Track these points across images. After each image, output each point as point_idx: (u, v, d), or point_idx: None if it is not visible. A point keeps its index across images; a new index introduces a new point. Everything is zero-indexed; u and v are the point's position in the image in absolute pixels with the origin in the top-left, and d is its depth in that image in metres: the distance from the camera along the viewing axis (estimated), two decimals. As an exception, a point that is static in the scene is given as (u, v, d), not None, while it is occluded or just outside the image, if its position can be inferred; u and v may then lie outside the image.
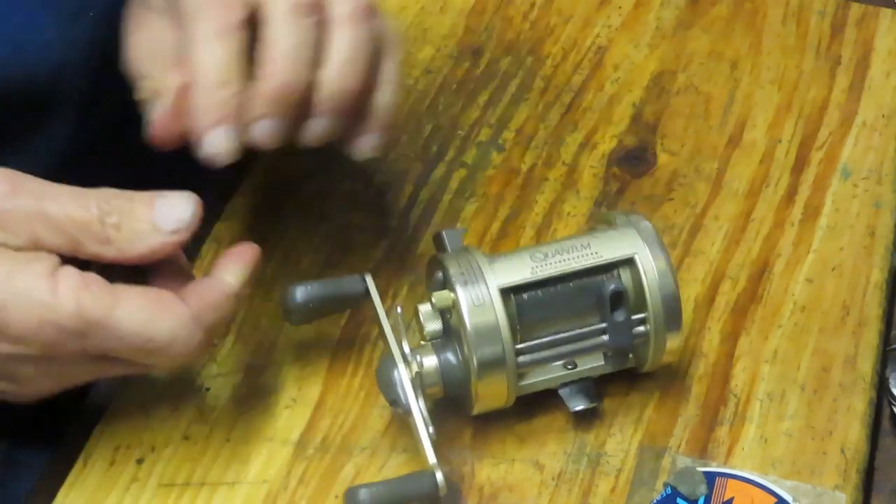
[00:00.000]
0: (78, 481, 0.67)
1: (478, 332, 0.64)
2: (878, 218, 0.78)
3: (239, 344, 0.72)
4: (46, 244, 0.59)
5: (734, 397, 0.70)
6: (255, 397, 0.70)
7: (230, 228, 0.77)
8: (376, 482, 0.63)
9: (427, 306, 0.66)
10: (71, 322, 0.58)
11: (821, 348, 0.72)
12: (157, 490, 0.67)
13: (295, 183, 0.80)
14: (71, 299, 0.58)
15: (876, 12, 0.89)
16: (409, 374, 0.64)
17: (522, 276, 0.65)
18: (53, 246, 0.59)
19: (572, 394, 0.67)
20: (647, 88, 0.85)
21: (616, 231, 0.67)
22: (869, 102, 0.84)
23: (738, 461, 0.67)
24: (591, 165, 0.81)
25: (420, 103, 0.84)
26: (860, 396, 0.70)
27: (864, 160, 0.81)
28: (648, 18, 0.89)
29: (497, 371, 0.65)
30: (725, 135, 0.82)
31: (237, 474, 0.67)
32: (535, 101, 0.84)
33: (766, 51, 0.87)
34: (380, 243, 0.77)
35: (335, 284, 0.68)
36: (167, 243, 0.60)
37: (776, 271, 0.75)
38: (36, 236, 0.59)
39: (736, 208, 0.78)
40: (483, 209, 0.79)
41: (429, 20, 0.89)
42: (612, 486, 0.67)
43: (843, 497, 0.66)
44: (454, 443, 0.68)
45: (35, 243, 0.59)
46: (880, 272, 0.75)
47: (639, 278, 0.66)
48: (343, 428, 0.69)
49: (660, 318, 0.66)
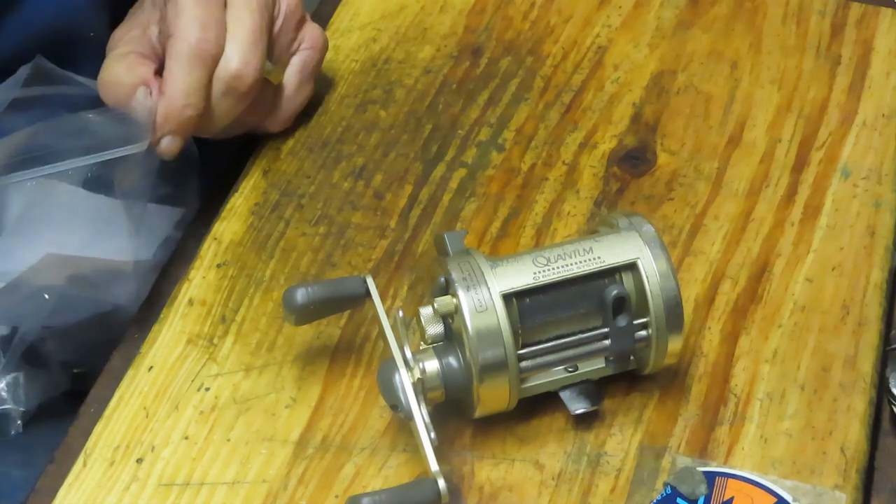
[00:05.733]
0: (78, 481, 0.67)
1: (480, 337, 0.64)
2: (878, 218, 0.78)
3: (239, 344, 0.72)
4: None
5: (734, 397, 0.70)
6: (255, 397, 0.70)
7: (230, 228, 0.77)
8: (379, 491, 0.63)
9: (429, 309, 0.66)
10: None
11: (821, 348, 0.72)
12: (156, 490, 0.67)
13: (295, 183, 0.80)
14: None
15: (876, 12, 0.89)
16: (410, 379, 0.64)
17: (525, 281, 0.65)
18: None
19: (573, 396, 0.67)
20: (647, 88, 0.85)
21: (618, 235, 0.67)
22: (869, 102, 0.84)
23: (738, 461, 0.67)
24: (591, 165, 0.81)
25: (420, 103, 0.84)
26: (860, 396, 0.70)
27: (864, 160, 0.81)
28: (648, 18, 0.89)
29: (499, 375, 0.65)
30: (725, 134, 0.82)
31: (237, 474, 0.67)
32: (535, 101, 0.84)
33: (766, 51, 0.87)
34: (380, 243, 0.77)
35: (335, 285, 0.68)
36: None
37: (776, 271, 0.75)
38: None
39: (736, 208, 0.78)
40: (483, 209, 0.79)
41: (429, 20, 0.89)
42: (612, 486, 0.67)
43: (843, 497, 0.66)
44: (454, 443, 0.68)
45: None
46: (880, 272, 0.75)
47: (641, 283, 0.66)
48: (343, 428, 0.69)
49: (661, 323, 0.66)
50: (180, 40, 0.73)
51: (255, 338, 0.72)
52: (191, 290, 0.74)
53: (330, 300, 0.68)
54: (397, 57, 0.87)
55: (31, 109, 0.74)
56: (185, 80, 0.73)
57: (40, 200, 0.71)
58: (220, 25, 0.74)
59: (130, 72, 0.74)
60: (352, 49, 0.87)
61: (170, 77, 0.73)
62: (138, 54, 0.75)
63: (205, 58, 0.73)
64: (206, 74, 0.73)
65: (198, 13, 0.73)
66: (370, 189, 0.80)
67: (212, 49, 0.73)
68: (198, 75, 0.73)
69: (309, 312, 0.68)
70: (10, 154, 0.71)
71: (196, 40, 0.73)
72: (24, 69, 0.75)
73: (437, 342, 0.66)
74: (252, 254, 0.76)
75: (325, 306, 0.68)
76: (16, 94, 0.74)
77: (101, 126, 0.73)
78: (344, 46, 0.88)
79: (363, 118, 0.83)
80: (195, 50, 0.73)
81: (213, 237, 0.77)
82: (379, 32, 0.88)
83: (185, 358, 0.72)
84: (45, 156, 0.71)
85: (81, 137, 0.72)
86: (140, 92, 0.73)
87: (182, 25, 0.73)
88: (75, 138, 0.72)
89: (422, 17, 0.89)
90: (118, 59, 0.75)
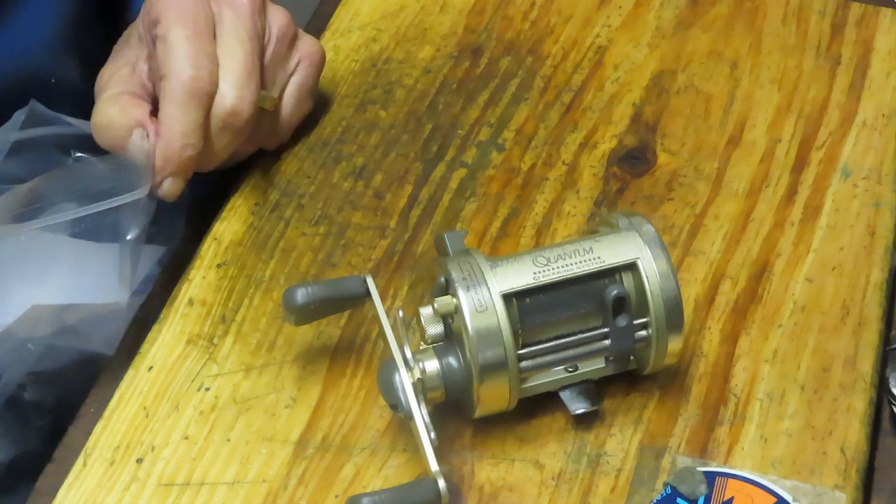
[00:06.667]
0: (78, 481, 0.67)
1: (480, 337, 0.64)
2: (878, 218, 0.78)
3: (239, 344, 0.72)
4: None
5: (734, 397, 0.70)
6: (255, 397, 0.70)
7: (230, 228, 0.77)
8: (379, 491, 0.63)
9: (429, 309, 0.66)
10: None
11: (821, 348, 0.72)
12: (156, 490, 0.67)
13: (295, 183, 0.80)
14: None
15: (876, 12, 0.89)
16: (410, 379, 0.64)
17: (525, 281, 0.65)
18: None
19: (573, 396, 0.67)
20: (647, 88, 0.85)
21: (618, 235, 0.67)
22: (869, 102, 0.84)
23: (738, 461, 0.67)
24: (591, 165, 0.81)
25: (420, 103, 0.84)
26: (860, 396, 0.70)
27: (864, 160, 0.81)
28: (648, 18, 0.89)
29: (499, 376, 0.65)
30: (725, 134, 0.82)
31: (237, 474, 0.67)
32: (535, 101, 0.84)
33: (766, 51, 0.87)
34: (380, 243, 0.77)
35: (335, 285, 0.68)
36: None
37: (776, 271, 0.75)
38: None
39: (736, 208, 0.78)
40: (483, 209, 0.79)
41: (429, 20, 0.89)
42: (612, 486, 0.67)
43: (843, 497, 0.66)
44: (454, 443, 0.68)
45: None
46: (880, 272, 0.75)
47: (641, 283, 0.66)
48: (343, 428, 0.69)
49: (662, 323, 0.66)
50: (173, 80, 0.71)
51: (255, 338, 0.72)
52: (191, 290, 0.74)
53: (330, 300, 0.68)
54: (397, 57, 0.87)
55: (29, 153, 0.73)
56: (181, 120, 0.71)
57: (25, 251, 0.70)
58: (212, 61, 0.73)
59: (124, 114, 0.73)
60: (352, 49, 0.87)
61: (166, 118, 0.72)
62: (130, 94, 0.74)
63: (200, 96, 0.72)
64: (202, 113, 0.72)
65: (189, 51, 0.72)
66: (370, 189, 0.80)
67: (206, 87, 0.72)
68: (194, 115, 0.72)
69: (309, 312, 0.68)
70: (12, 207, 0.70)
71: (190, 79, 0.71)
72: (20, 113, 0.74)
73: (437, 342, 0.66)
74: (252, 254, 0.76)
75: (325, 306, 0.68)
76: (15, 138, 0.73)
77: (102, 173, 0.72)
78: (344, 46, 0.88)
79: (363, 118, 0.83)
80: (190, 89, 0.71)
81: (213, 237, 0.77)
82: (379, 32, 0.88)
83: (185, 358, 0.72)
84: (44, 207, 0.70)
85: (82, 186, 0.71)
86: (136, 134, 0.72)
87: (174, 65, 0.72)
88: (76, 188, 0.71)
89: (422, 17, 0.89)
90: (110, 101, 0.74)
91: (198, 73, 0.72)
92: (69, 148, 0.74)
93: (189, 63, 0.72)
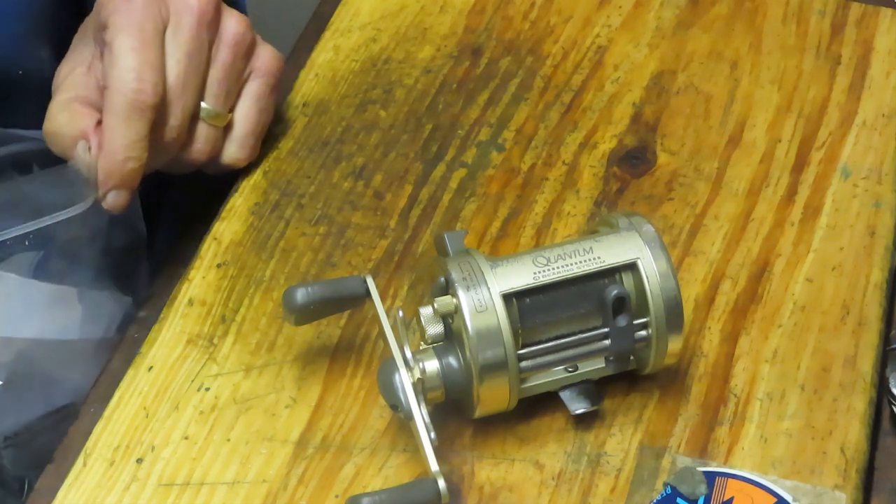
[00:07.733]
0: (78, 481, 0.67)
1: (480, 337, 0.64)
2: (878, 218, 0.78)
3: (239, 344, 0.72)
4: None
5: (734, 397, 0.70)
6: (255, 397, 0.70)
7: (230, 228, 0.77)
8: (379, 491, 0.63)
9: (429, 309, 0.66)
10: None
11: (821, 348, 0.72)
12: (156, 490, 0.67)
13: (295, 183, 0.80)
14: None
15: (876, 12, 0.89)
16: (410, 379, 0.64)
17: (525, 281, 0.65)
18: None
19: (573, 396, 0.67)
20: (647, 88, 0.85)
21: (618, 235, 0.67)
22: (869, 102, 0.84)
23: (737, 461, 0.67)
24: (591, 165, 0.81)
25: (420, 103, 0.84)
26: (860, 396, 0.70)
27: (864, 160, 0.81)
28: (648, 18, 0.89)
29: (499, 375, 0.65)
30: (725, 134, 0.82)
31: (237, 474, 0.67)
32: (535, 101, 0.84)
33: (766, 51, 0.87)
34: (380, 243, 0.77)
35: (335, 285, 0.68)
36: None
37: (776, 271, 0.75)
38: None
39: (736, 208, 0.78)
40: (483, 209, 0.79)
41: (429, 20, 0.89)
42: (612, 486, 0.67)
43: (843, 497, 0.66)
44: (454, 443, 0.68)
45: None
46: (880, 272, 0.75)
47: (641, 283, 0.66)
48: (343, 428, 0.69)
49: (662, 323, 0.66)
50: (116, 93, 0.70)
51: (255, 338, 0.72)
52: (191, 290, 0.74)
53: (330, 300, 0.68)
54: (397, 57, 0.87)
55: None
56: (123, 133, 0.70)
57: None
58: (157, 72, 0.71)
59: (71, 123, 0.72)
60: (352, 49, 0.88)
61: (108, 131, 0.70)
62: (81, 101, 0.73)
63: (143, 109, 0.70)
64: (145, 126, 0.71)
65: (133, 63, 0.70)
66: (370, 189, 0.80)
67: (149, 99, 0.70)
68: (137, 128, 0.70)
69: (309, 312, 0.68)
70: None
71: (132, 92, 0.70)
72: None
73: (437, 342, 0.66)
74: (252, 254, 0.76)
75: (325, 306, 0.68)
76: None
77: (41, 190, 0.71)
78: (344, 46, 0.88)
79: (363, 118, 0.83)
80: (131, 102, 0.70)
81: (213, 237, 0.77)
82: (379, 32, 0.88)
83: (185, 358, 0.72)
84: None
85: (21, 205, 0.70)
86: (80, 147, 0.71)
87: (116, 77, 0.70)
88: (14, 207, 0.70)
89: (422, 17, 0.89)
90: (61, 108, 0.73)
91: (140, 87, 0.70)
92: (29, 164, 0.74)
93: (132, 75, 0.70)
